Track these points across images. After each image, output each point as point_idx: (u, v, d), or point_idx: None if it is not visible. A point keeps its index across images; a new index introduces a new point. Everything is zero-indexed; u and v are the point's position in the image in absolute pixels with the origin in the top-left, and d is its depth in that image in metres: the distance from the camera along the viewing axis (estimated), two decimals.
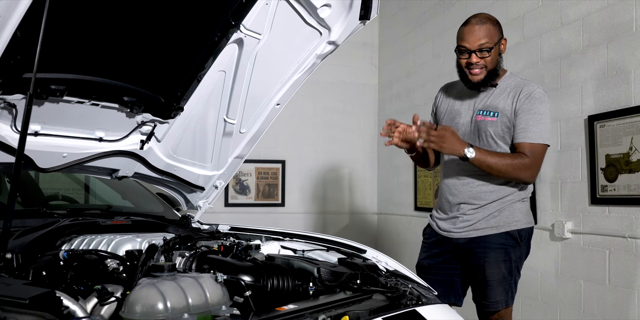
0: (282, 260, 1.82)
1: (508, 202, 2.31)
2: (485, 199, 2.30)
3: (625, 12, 2.77)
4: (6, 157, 1.71)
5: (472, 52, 2.24)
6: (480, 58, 2.24)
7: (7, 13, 1.31)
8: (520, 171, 2.23)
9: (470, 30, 2.25)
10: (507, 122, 2.27)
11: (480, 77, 2.27)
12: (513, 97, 2.28)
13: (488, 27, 2.25)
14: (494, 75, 2.29)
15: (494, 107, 2.30)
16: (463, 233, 2.33)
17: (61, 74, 1.64)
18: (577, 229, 3.03)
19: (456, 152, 2.18)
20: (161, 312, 1.24)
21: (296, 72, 2.14)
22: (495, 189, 2.30)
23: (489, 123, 2.28)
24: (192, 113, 2.11)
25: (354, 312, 1.48)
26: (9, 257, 1.46)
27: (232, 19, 1.83)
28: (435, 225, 2.44)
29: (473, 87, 2.32)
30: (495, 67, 2.28)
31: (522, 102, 2.25)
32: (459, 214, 2.34)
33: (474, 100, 2.37)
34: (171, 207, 2.71)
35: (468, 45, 2.24)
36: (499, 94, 2.32)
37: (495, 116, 2.28)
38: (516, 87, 2.30)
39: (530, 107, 2.24)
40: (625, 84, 2.76)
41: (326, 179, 5.27)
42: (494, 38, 2.25)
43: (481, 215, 2.30)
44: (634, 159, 2.68)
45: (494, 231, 2.29)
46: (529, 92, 2.25)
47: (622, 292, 2.76)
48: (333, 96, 5.28)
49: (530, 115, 2.24)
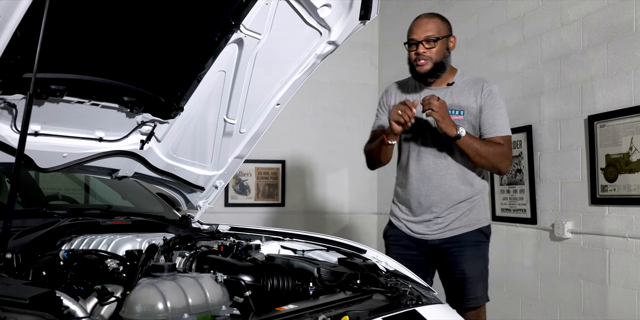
0: (282, 260, 1.82)
1: (476, 201, 2.43)
2: (456, 199, 2.39)
3: (625, 12, 2.77)
4: (6, 157, 1.70)
5: (419, 42, 2.33)
6: (427, 48, 2.32)
7: (7, 13, 1.31)
8: (501, 159, 2.36)
9: (419, 23, 2.37)
10: (472, 120, 2.38)
11: (427, 67, 2.34)
12: (475, 94, 2.37)
13: (435, 20, 2.37)
14: (440, 67, 2.36)
15: (458, 106, 2.38)
16: (439, 235, 2.41)
17: (61, 74, 1.64)
18: (577, 229, 3.03)
19: (451, 129, 2.25)
20: (161, 312, 1.24)
21: (296, 72, 2.14)
22: (465, 189, 2.40)
23: (455, 121, 2.33)
24: (192, 113, 2.11)
25: (354, 312, 1.48)
26: (9, 257, 1.46)
27: (232, 19, 1.83)
28: (406, 228, 2.49)
29: (420, 78, 2.40)
30: (442, 60, 2.36)
31: (485, 99, 2.36)
32: (432, 217, 2.41)
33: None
34: (171, 207, 2.71)
35: (415, 36, 2.35)
36: (459, 93, 2.39)
37: (461, 114, 2.37)
38: (474, 85, 2.40)
39: (494, 103, 2.36)
40: (625, 84, 2.76)
41: (326, 179, 5.27)
42: (441, 31, 2.35)
43: (454, 215, 2.40)
44: (634, 159, 2.68)
45: (468, 229, 2.41)
46: (489, 89, 2.37)
47: (622, 292, 2.76)
48: (333, 96, 5.28)
49: (495, 110, 2.36)
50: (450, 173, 2.39)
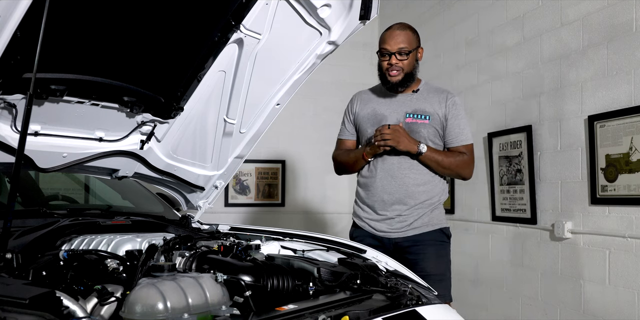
0: (282, 260, 1.82)
1: (436, 202, 2.53)
2: (418, 198, 2.48)
3: (625, 12, 2.77)
4: (6, 157, 1.71)
5: (392, 54, 2.46)
6: (399, 60, 2.45)
7: (7, 13, 1.31)
8: (463, 168, 2.53)
9: (392, 34, 2.48)
10: (437, 126, 2.52)
11: (398, 78, 2.48)
12: (439, 102, 2.53)
13: (407, 33, 2.49)
14: (410, 78, 2.52)
15: (423, 111, 2.52)
16: (401, 233, 2.48)
17: (61, 74, 1.64)
18: (577, 229, 3.03)
19: (411, 147, 2.42)
20: (161, 312, 1.24)
21: (296, 72, 2.14)
22: (427, 190, 2.50)
23: (421, 125, 2.50)
24: (192, 113, 2.11)
25: (354, 312, 1.48)
26: (9, 257, 1.46)
27: (232, 19, 1.83)
28: (369, 227, 2.56)
29: (391, 87, 2.53)
30: (412, 71, 2.52)
31: (449, 109, 2.52)
32: (394, 215, 2.49)
33: (398, 103, 2.56)
34: (171, 207, 2.71)
35: (389, 47, 2.46)
36: (423, 99, 2.54)
37: (427, 119, 2.51)
38: (438, 94, 2.55)
39: (457, 113, 2.53)
40: (625, 84, 2.76)
41: (326, 179, 5.27)
42: (412, 44, 2.49)
43: (416, 214, 2.48)
44: (634, 159, 2.68)
45: (430, 228, 2.49)
46: (453, 101, 2.54)
47: (622, 292, 2.76)
48: (333, 96, 5.27)
49: (459, 120, 2.53)
50: (414, 172, 2.48)
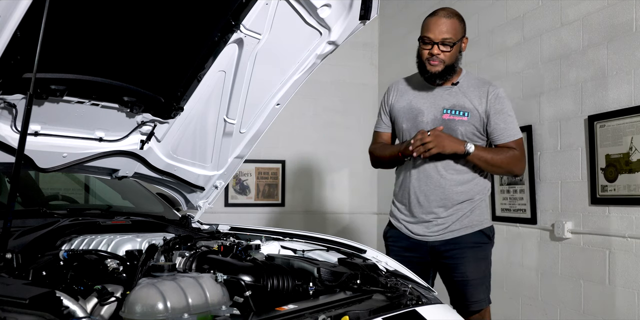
0: (282, 260, 1.82)
1: (477, 201, 2.38)
2: (457, 199, 2.35)
3: (625, 12, 2.77)
4: (6, 157, 1.70)
5: (435, 43, 2.26)
6: (442, 51, 2.26)
7: (7, 13, 1.31)
8: (515, 164, 2.35)
9: (437, 22, 2.28)
10: (476, 123, 2.33)
11: (438, 69, 2.29)
12: (480, 97, 2.34)
13: (454, 21, 2.28)
14: (450, 70, 2.32)
15: (462, 107, 2.34)
16: (439, 236, 2.37)
17: (61, 74, 1.64)
18: (577, 229, 3.03)
19: (458, 149, 2.25)
20: (161, 312, 1.24)
21: (296, 72, 2.14)
22: (465, 190, 2.36)
23: (459, 122, 2.32)
24: (192, 113, 2.11)
25: (354, 312, 1.48)
26: (9, 257, 1.46)
27: (232, 19, 1.83)
28: (406, 229, 2.45)
29: (429, 78, 2.34)
30: (454, 63, 2.32)
31: (492, 103, 2.32)
32: (432, 218, 2.37)
33: (436, 98, 2.37)
34: (171, 207, 2.71)
35: (432, 36, 2.26)
36: (463, 94, 2.35)
37: (465, 116, 2.33)
38: (479, 88, 2.36)
39: (501, 107, 2.33)
40: (625, 84, 2.76)
41: (326, 179, 5.27)
42: (457, 35, 2.28)
43: (455, 217, 2.35)
44: (634, 159, 2.68)
45: (469, 231, 2.36)
46: (495, 94, 2.34)
47: (622, 292, 2.76)
48: (333, 96, 5.28)
49: (504, 115, 2.33)
50: (452, 173, 2.34)
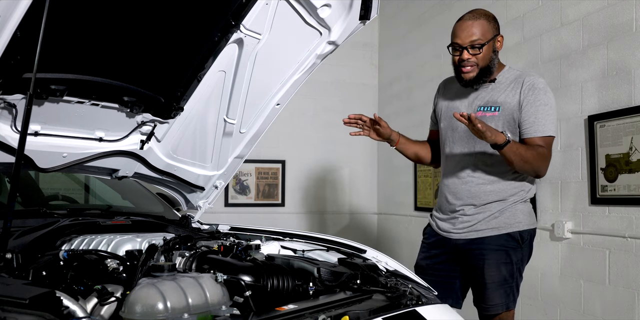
0: (282, 260, 1.82)
1: (510, 203, 2.26)
2: (485, 199, 2.26)
3: (625, 12, 2.77)
4: (6, 157, 1.71)
5: (463, 48, 2.18)
6: (472, 55, 2.18)
7: (7, 13, 1.31)
8: (541, 162, 2.18)
9: (463, 26, 2.20)
10: (508, 116, 2.21)
11: (472, 75, 2.21)
12: (515, 89, 2.22)
13: (481, 22, 2.19)
14: (486, 72, 2.23)
15: (494, 102, 2.24)
16: (463, 234, 2.29)
17: (61, 74, 1.64)
18: (577, 229, 3.03)
19: (499, 136, 2.06)
20: (161, 312, 1.24)
21: (296, 72, 2.14)
22: (495, 190, 2.26)
23: (489, 118, 2.22)
24: (192, 113, 2.11)
25: (354, 312, 1.48)
26: (9, 257, 1.46)
27: (232, 19, 1.83)
28: (435, 225, 2.40)
29: (465, 85, 2.28)
30: (489, 64, 2.22)
31: (526, 94, 2.19)
32: (458, 215, 2.30)
33: (473, 97, 2.32)
34: (171, 207, 2.71)
35: (460, 41, 2.19)
36: (499, 89, 2.26)
37: (496, 110, 2.23)
38: (517, 79, 2.24)
39: (536, 99, 2.18)
40: (625, 84, 2.76)
41: (326, 179, 5.27)
42: (487, 34, 2.19)
43: (482, 216, 2.26)
44: (634, 159, 2.68)
45: (495, 232, 2.25)
46: (531, 83, 2.20)
47: (622, 292, 2.76)
48: (333, 96, 5.28)
49: (536, 106, 2.18)
50: (478, 172, 2.27)
